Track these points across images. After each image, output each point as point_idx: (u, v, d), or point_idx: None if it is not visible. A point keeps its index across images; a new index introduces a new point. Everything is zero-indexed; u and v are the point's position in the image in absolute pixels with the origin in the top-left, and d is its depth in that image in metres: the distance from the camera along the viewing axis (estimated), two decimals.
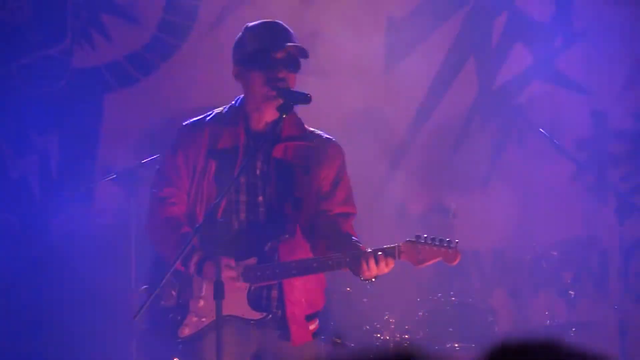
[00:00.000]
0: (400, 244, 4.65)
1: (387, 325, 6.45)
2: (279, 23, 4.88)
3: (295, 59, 4.78)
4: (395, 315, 6.47)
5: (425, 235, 4.69)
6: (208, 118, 4.93)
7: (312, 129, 4.94)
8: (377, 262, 4.58)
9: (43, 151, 7.31)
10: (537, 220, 7.36)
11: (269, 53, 4.76)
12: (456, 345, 6.49)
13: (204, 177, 4.82)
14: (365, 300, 6.53)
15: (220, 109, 4.97)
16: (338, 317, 6.29)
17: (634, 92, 7.46)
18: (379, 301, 6.51)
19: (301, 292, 4.81)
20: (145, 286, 4.93)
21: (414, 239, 4.67)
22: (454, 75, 7.47)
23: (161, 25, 7.36)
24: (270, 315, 4.76)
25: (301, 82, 4.91)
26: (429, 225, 7.09)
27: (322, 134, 4.95)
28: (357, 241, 4.74)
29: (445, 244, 4.68)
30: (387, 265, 4.61)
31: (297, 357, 4.80)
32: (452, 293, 6.63)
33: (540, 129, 6.98)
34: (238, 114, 4.87)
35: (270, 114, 4.80)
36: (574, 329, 6.74)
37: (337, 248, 4.71)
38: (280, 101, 4.72)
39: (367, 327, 6.47)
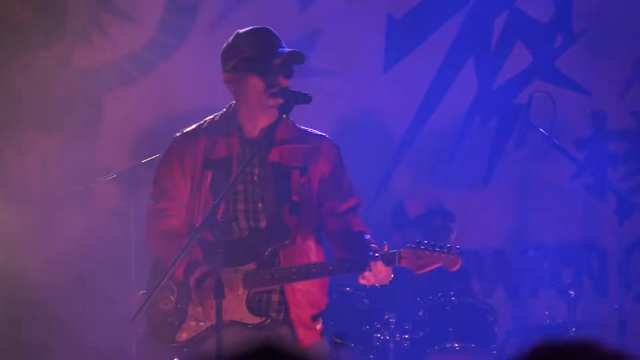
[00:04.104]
0: (401, 250, 4.64)
1: (387, 325, 6.45)
2: (271, 30, 4.87)
3: (290, 66, 4.78)
4: (395, 315, 6.47)
5: (426, 241, 4.68)
6: (201, 128, 4.92)
7: (303, 127, 4.93)
8: (377, 268, 4.57)
9: (43, 151, 7.31)
10: (537, 220, 7.36)
11: (268, 59, 4.75)
12: (456, 345, 6.48)
13: (200, 188, 4.81)
14: (365, 300, 6.53)
15: (212, 116, 4.96)
16: (338, 317, 6.29)
17: (634, 92, 7.45)
18: (379, 301, 6.51)
19: (303, 294, 4.80)
20: (143, 291, 4.93)
21: (414, 245, 4.66)
22: (454, 75, 7.47)
23: (161, 25, 7.36)
24: (269, 320, 4.75)
25: (301, 82, 4.91)
26: (429, 226, 7.08)
27: (315, 132, 4.93)
28: (370, 241, 4.74)
29: (445, 250, 4.67)
30: (387, 271, 4.60)
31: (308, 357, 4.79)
32: (452, 293, 6.62)
33: (540, 129, 6.98)
34: (231, 123, 4.85)
35: (264, 120, 4.79)
36: (574, 329, 6.74)
37: (352, 250, 4.71)
38: (280, 102, 4.72)
39: (367, 327, 6.47)
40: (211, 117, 4.96)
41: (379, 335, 6.45)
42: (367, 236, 4.78)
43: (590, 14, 7.42)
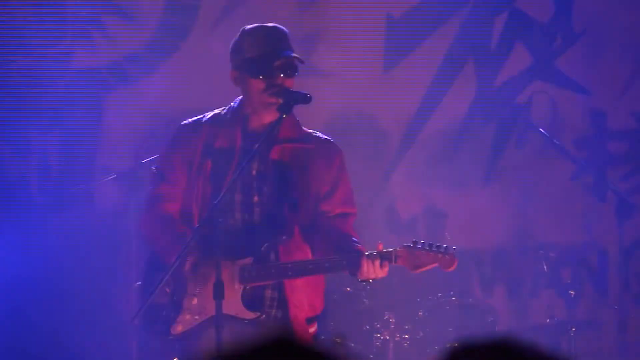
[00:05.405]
0: (397, 249, 4.65)
1: (387, 325, 6.45)
2: (276, 27, 4.88)
3: (293, 65, 4.79)
4: (395, 315, 6.47)
5: (423, 241, 4.68)
6: (206, 118, 4.96)
7: (309, 130, 4.94)
8: (373, 266, 4.58)
9: (43, 151, 7.31)
10: (537, 220, 7.36)
11: (268, 61, 4.76)
12: (456, 345, 6.48)
13: (199, 175, 4.84)
14: (365, 300, 6.53)
15: (220, 109, 4.99)
16: (338, 317, 6.29)
17: (634, 92, 7.45)
18: (379, 301, 6.51)
19: (303, 294, 4.81)
20: (139, 282, 4.95)
21: (411, 244, 4.66)
22: (454, 76, 7.47)
23: (161, 25, 7.36)
24: (264, 316, 4.76)
25: (301, 82, 4.92)
26: (428, 226, 7.08)
27: (320, 135, 4.94)
28: (356, 242, 4.74)
29: (442, 250, 4.67)
30: (382, 268, 4.61)
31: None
32: (452, 293, 6.63)
33: (540, 129, 6.97)
34: (236, 116, 4.88)
35: (268, 117, 4.81)
36: (574, 329, 6.74)
37: (337, 249, 4.71)
38: (280, 102, 4.73)
39: (367, 327, 6.47)
40: (219, 109, 4.99)
41: (379, 335, 6.45)
42: (355, 239, 4.78)
43: (590, 14, 7.42)
